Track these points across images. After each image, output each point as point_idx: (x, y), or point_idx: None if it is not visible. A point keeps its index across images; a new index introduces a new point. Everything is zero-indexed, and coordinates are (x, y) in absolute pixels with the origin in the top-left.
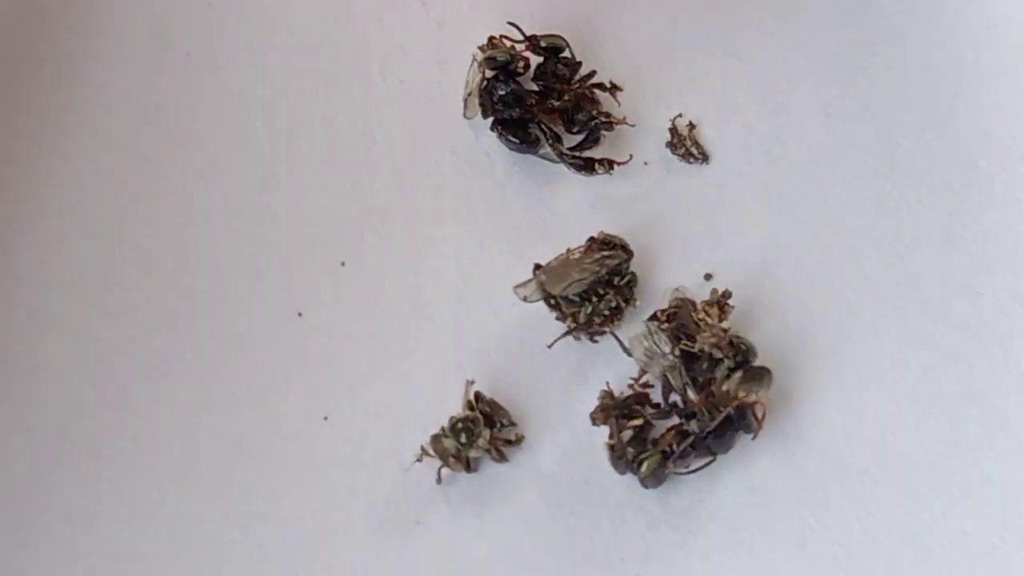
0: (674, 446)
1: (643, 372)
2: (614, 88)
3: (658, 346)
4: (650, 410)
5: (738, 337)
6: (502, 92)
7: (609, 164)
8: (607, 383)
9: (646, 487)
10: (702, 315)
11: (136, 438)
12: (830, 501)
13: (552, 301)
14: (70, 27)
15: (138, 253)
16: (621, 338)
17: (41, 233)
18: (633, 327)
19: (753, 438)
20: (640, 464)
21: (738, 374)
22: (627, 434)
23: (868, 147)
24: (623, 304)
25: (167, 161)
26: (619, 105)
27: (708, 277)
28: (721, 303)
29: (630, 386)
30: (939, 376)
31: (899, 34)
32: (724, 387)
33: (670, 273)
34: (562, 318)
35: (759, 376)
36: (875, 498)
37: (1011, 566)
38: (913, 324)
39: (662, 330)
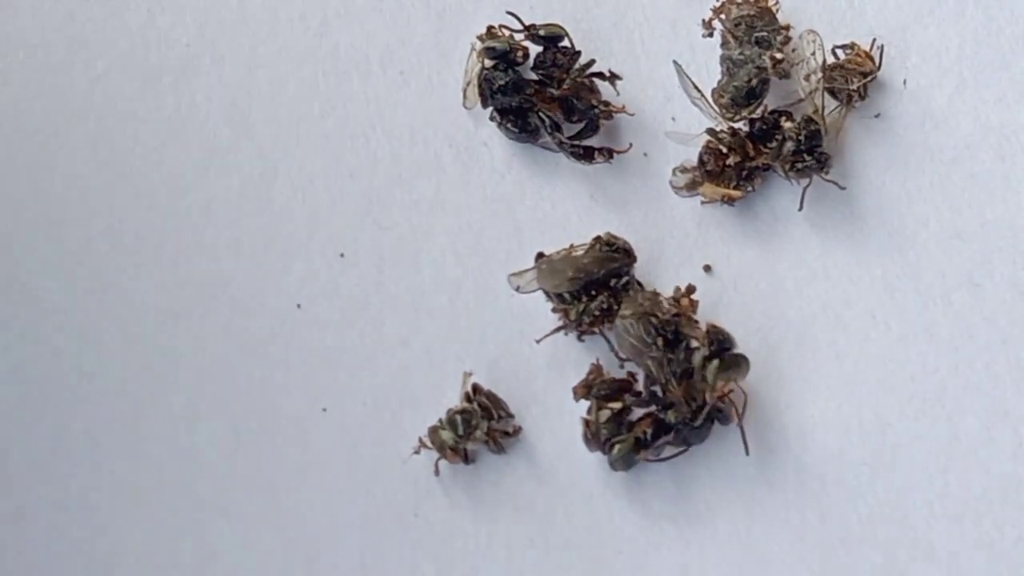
0: (648, 434)
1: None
2: (613, 77)
3: (645, 338)
4: (631, 397)
5: (713, 326)
6: (501, 81)
7: (609, 153)
8: (597, 358)
9: (614, 470)
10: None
11: (134, 429)
12: (828, 494)
13: (547, 294)
14: (68, 17)
15: (136, 243)
16: (611, 340)
17: (39, 223)
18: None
19: (739, 424)
20: (612, 447)
21: (715, 362)
22: (604, 414)
23: (867, 140)
24: (615, 307)
25: (165, 152)
26: (618, 94)
27: (707, 269)
28: (687, 296)
29: (620, 367)
30: (938, 368)
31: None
32: (702, 375)
33: (668, 265)
34: (557, 311)
35: (736, 364)
36: (873, 491)
37: (1010, 559)
38: (912, 315)
39: (647, 322)
